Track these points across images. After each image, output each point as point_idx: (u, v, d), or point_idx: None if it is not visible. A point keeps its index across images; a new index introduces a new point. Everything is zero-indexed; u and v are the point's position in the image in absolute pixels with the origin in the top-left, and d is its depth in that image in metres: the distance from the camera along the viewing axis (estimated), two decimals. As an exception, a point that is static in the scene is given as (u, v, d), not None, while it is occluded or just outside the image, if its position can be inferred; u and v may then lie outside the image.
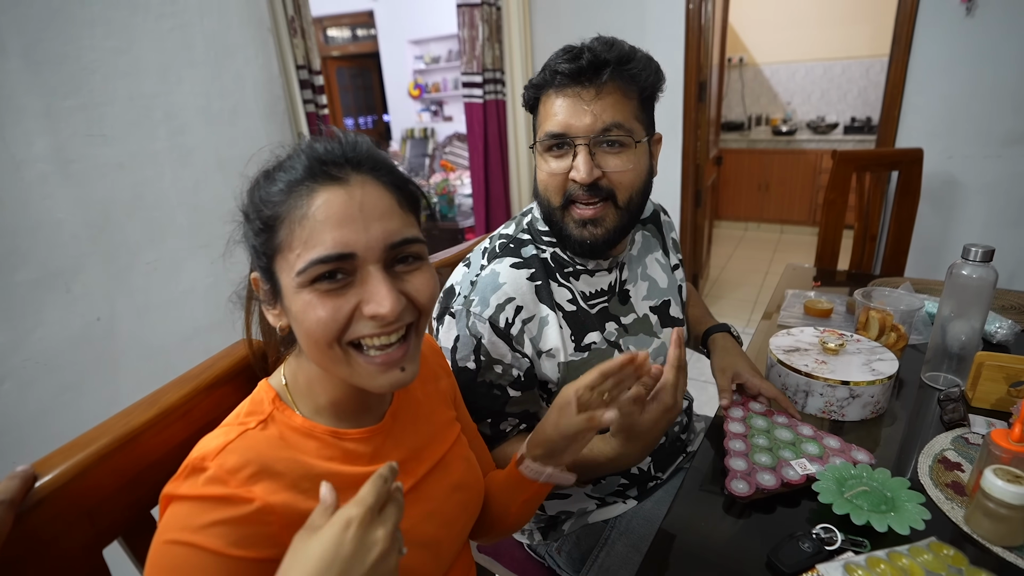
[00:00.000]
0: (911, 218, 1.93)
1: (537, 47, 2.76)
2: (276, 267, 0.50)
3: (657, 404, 0.66)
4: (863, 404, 0.89)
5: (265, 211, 0.49)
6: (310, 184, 0.48)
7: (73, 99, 1.18)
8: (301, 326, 0.49)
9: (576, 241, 0.80)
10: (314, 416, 0.55)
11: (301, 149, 0.51)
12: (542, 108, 0.78)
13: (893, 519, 0.64)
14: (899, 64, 2.17)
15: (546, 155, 0.78)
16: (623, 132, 0.75)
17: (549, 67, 0.76)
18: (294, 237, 0.48)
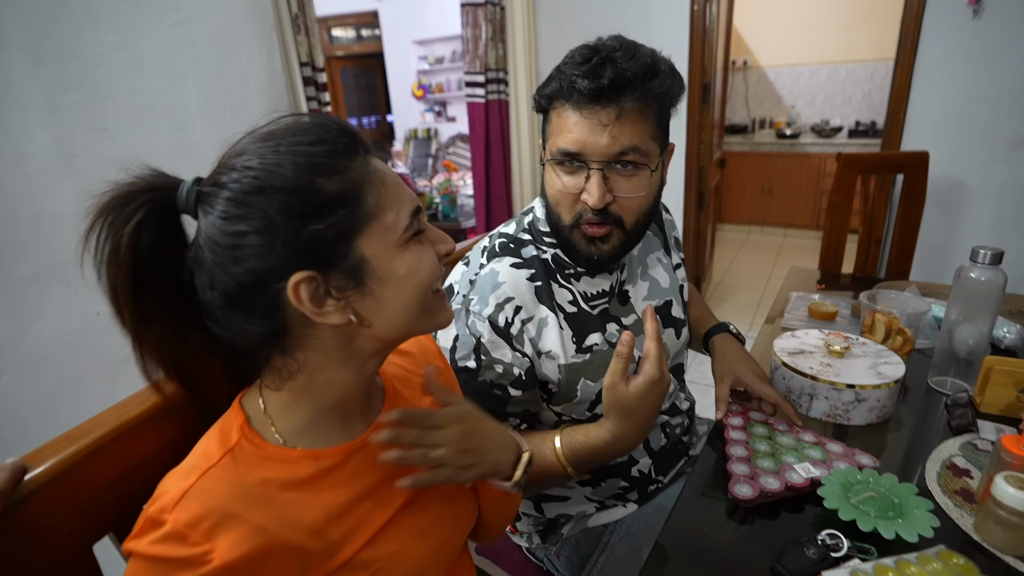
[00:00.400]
0: (916, 222, 1.91)
1: (541, 47, 2.76)
2: (361, 242, 0.46)
3: (643, 377, 0.67)
4: (869, 408, 0.87)
5: (342, 185, 0.45)
6: (364, 156, 0.48)
7: (75, 93, 1.18)
8: (413, 280, 0.49)
9: (583, 255, 0.79)
10: (293, 437, 0.51)
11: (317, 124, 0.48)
12: (555, 118, 0.75)
13: (901, 526, 0.63)
14: (905, 66, 2.16)
15: (557, 168, 0.76)
16: (639, 156, 0.73)
17: (566, 78, 0.71)
18: (384, 198, 0.47)
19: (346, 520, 0.51)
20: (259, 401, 0.52)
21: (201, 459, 0.47)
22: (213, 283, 0.45)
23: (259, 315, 0.46)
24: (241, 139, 0.48)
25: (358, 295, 0.47)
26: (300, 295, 0.45)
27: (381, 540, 0.53)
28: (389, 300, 0.49)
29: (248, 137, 0.47)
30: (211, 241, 0.45)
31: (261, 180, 0.44)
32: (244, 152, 0.46)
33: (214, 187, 0.45)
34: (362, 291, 0.47)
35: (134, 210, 0.44)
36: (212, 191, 0.45)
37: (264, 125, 0.48)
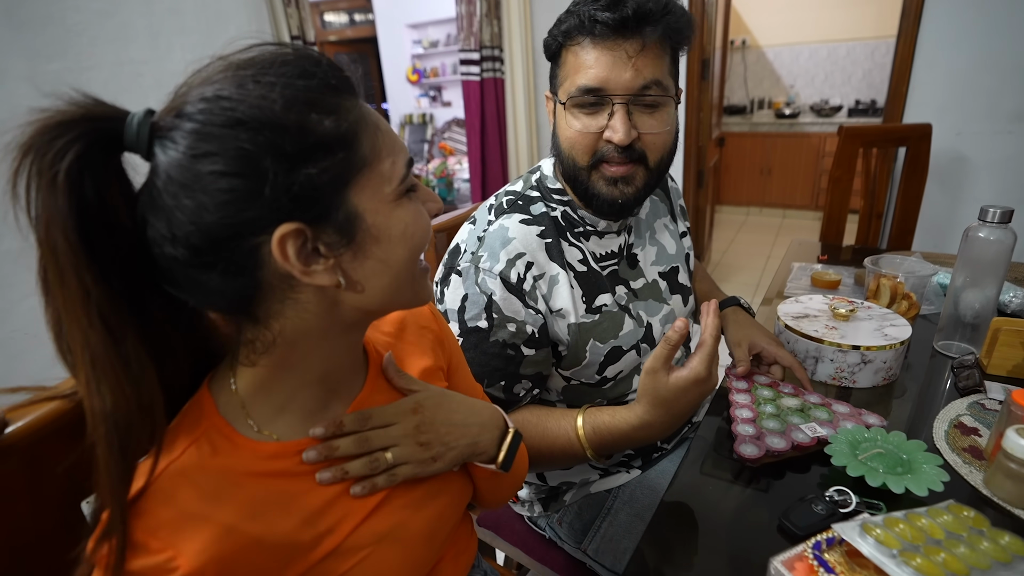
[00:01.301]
0: (918, 195, 1.89)
1: (537, 23, 2.71)
2: (354, 193, 0.41)
3: (688, 372, 0.64)
4: (875, 370, 0.86)
5: (337, 125, 0.39)
6: (350, 95, 0.42)
7: (58, 62, 1.14)
8: (409, 241, 0.44)
9: (606, 200, 0.76)
10: (269, 422, 0.46)
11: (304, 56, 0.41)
12: (571, 57, 0.72)
13: (911, 481, 0.61)
14: (907, 39, 2.12)
15: (575, 110, 0.73)
16: (661, 90, 0.71)
17: (584, 14, 0.69)
18: (381, 144, 0.42)
19: (334, 509, 0.47)
20: (230, 381, 0.46)
21: (162, 455, 0.42)
22: (175, 236, 0.37)
23: (232, 274, 0.39)
24: (207, 65, 0.40)
25: (349, 254, 0.42)
26: (286, 251, 0.38)
27: (374, 520, 0.49)
28: (381, 261, 0.43)
29: (217, 63, 0.40)
30: (174, 183, 0.37)
31: (240, 112, 0.36)
32: (215, 81, 0.38)
33: (176, 119, 0.37)
34: (354, 250, 0.42)
35: (68, 143, 0.35)
36: (173, 123, 0.37)
37: (238, 52, 0.40)
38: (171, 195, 0.37)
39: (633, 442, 0.70)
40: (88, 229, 0.36)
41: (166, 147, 0.37)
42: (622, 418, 0.69)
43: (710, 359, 0.63)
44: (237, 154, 0.36)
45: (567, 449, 0.72)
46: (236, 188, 0.37)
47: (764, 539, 0.61)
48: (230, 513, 0.42)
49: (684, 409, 0.66)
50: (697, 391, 0.64)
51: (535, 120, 2.81)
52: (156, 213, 0.38)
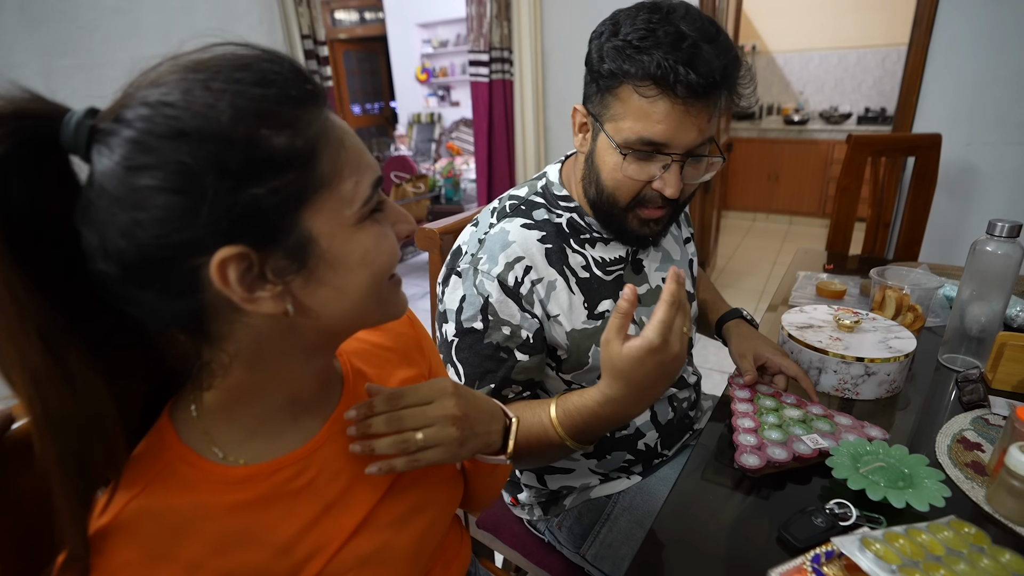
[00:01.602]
0: (926, 205, 1.88)
1: (547, 26, 2.71)
2: (309, 216, 0.37)
3: (640, 341, 0.57)
4: (879, 382, 0.86)
5: (292, 140, 0.36)
6: (320, 107, 0.39)
7: (71, 58, 1.15)
8: (369, 268, 0.41)
9: (635, 236, 0.79)
10: (239, 443, 0.44)
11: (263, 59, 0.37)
12: (635, 99, 0.68)
13: (912, 495, 0.61)
14: (919, 48, 2.11)
15: (631, 156, 0.71)
16: (713, 145, 0.73)
17: (666, 66, 0.64)
18: (343, 163, 0.38)
19: (313, 533, 0.45)
20: (191, 408, 0.43)
21: (122, 490, 0.40)
22: (107, 251, 0.34)
23: (170, 295, 0.36)
24: (157, 65, 0.36)
25: (300, 280, 0.38)
26: (227, 276, 0.35)
27: (357, 542, 0.47)
28: (337, 289, 0.40)
29: (168, 64, 0.36)
30: (107, 196, 0.34)
31: (183, 122, 0.33)
32: (162, 83, 0.34)
33: (115, 123, 0.34)
34: (305, 276, 0.38)
35: None
36: (111, 128, 0.34)
37: (191, 52, 0.37)
38: (103, 208, 0.34)
39: (603, 421, 0.65)
40: (16, 237, 0.33)
41: (102, 154, 0.34)
42: (589, 396, 0.65)
43: (662, 326, 0.57)
44: (176, 168, 0.33)
45: (543, 437, 0.69)
46: (173, 206, 0.33)
47: (763, 550, 0.61)
48: (196, 550, 0.39)
49: (645, 382, 0.60)
50: (653, 360, 0.58)
51: (543, 123, 2.81)
52: (88, 225, 0.35)
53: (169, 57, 0.37)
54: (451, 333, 0.77)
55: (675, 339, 0.59)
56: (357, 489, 0.48)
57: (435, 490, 0.55)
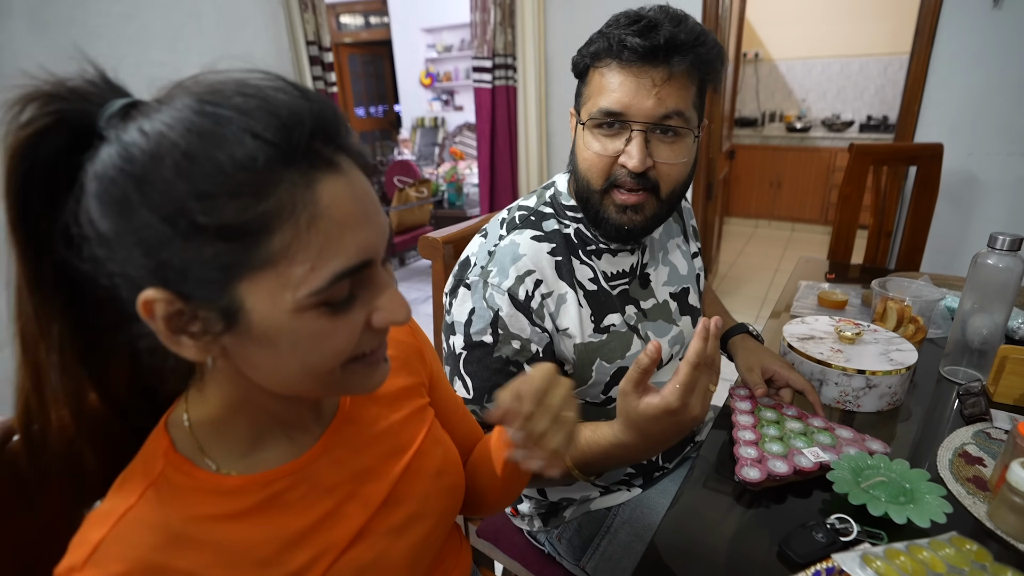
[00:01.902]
0: (928, 215, 1.88)
1: (550, 33, 2.72)
2: (244, 288, 0.35)
3: (658, 400, 0.57)
4: (880, 395, 0.86)
5: (239, 211, 0.33)
6: (306, 171, 0.34)
7: (78, 64, 1.16)
8: (295, 358, 0.38)
9: (614, 226, 0.76)
10: (230, 458, 0.43)
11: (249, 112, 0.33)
12: (596, 78, 0.72)
13: (913, 511, 0.61)
14: (921, 58, 2.12)
15: (595, 131, 0.73)
16: (682, 121, 0.71)
17: (614, 37, 0.69)
18: (301, 246, 0.34)
19: (309, 543, 0.44)
20: (184, 418, 0.43)
21: (118, 499, 0.39)
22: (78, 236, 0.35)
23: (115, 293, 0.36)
24: (194, 76, 0.36)
25: (230, 338, 0.37)
26: (153, 312, 0.35)
27: (355, 551, 0.47)
28: (260, 362, 0.38)
29: (192, 81, 0.36)
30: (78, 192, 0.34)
31: (143, 160, 0.32)
32: (169, 101, 0.34)
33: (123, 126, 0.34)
34: (236, 335, 0.37)
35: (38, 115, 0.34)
36: (114, 132, 0.34)
37: (219, 72, 0.36)
38: (74, 199, 0.34)
39: (613, 459, 0.66)
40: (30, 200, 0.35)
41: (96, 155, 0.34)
42: (601, 434, 0.66)
43: (684, 390, 0.56)
44: (114, 200, 0.33)
45: None
46: (107, 234, 0.33)
47: (764, 565, 0.61)
48: (192, 560, 0.39)
49: (659, 437, 0.60)
50: (670, 421, 0.58)
51: (545, 129, 2.82)
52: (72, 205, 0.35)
53: (207, 69, 0.37)
54: (459, 346, 0.77)
55: (695, 401, 0.58)
56: (351, 503, 0.48)
57: (433, 499, 0.55)
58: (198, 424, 0.43)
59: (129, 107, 0.35)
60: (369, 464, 0.51)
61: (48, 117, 0.34)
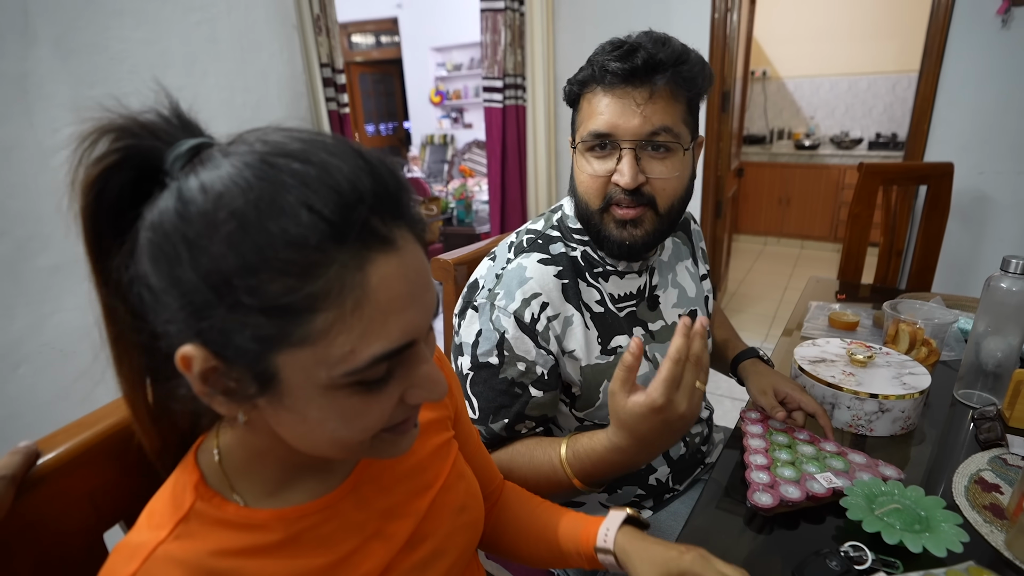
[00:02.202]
0: (939, 234, 1.87)
1: (559, 53, 2.76)
2: (281, 359, 0.34)
3: (643, 398, 0.58)
4: (893, 419, 0.85)
5: (286, 290, 0.32)
6: (358, 250, 0.33)
7: (100, 88, 1.20)
8: (323, 431, 0.38)
9: (615, 242, 0.77)
10: (259, 497, 0.43)
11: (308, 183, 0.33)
12: (586, 105, 0.75)
13: (929, 539, 0.60)
14: (930, 77, 2.12)
15: (588, 155, 0.76)
16: (671, 137, 0.73)
17: (597, 63, 0.72)
18: (344, 328, 0.34)
19: None
20: (214, 453, 0.43)
21: (148, 532, 0.40)
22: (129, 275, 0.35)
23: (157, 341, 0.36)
24: (263, 131, 0.36)
25: (263, 400, 0.37)
26: (190, 366, 0.35)
27: None
28: (290, 427, 0.38)
29: (272, 132, 0.36)
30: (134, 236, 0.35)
31: (196, 222, 0.32)
32: (232, 156, 0.34)
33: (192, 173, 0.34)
34: (269, 399, 0.37)
35: (112, 150, 0.35)
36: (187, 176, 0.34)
37: (283, 132, 0.36)
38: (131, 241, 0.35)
39: (610, 466, 0.67)
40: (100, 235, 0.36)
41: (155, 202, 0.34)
42: (598, 440, 0.67)
43: (666, 385, 0.57)
44: (165, 258, 0.33)
45: (551, 476, 0.71)
46: (160, 286, 0.34)
47: (777, 593, 0.60)
48: None
49: (649, 436, 0.61)
50: (657, 418, 0.59)
51: (555, 147, 2.85)
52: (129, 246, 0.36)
53: (274, 127, 0.37)
54: (467, 366, 0.78)
55: (681, 398, 0.59)
56: (376, 541, 0.48)
57: (455, 535, 0.55)
58: (228, 459, 0.43)
59: (196, 149, 0.35)
60: (395, 502, 0.51)
61: (117, 153, 0.35)
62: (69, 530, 0.47)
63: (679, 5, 2.53)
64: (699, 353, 0.59)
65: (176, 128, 0.37)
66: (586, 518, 0.64)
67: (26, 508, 0.44)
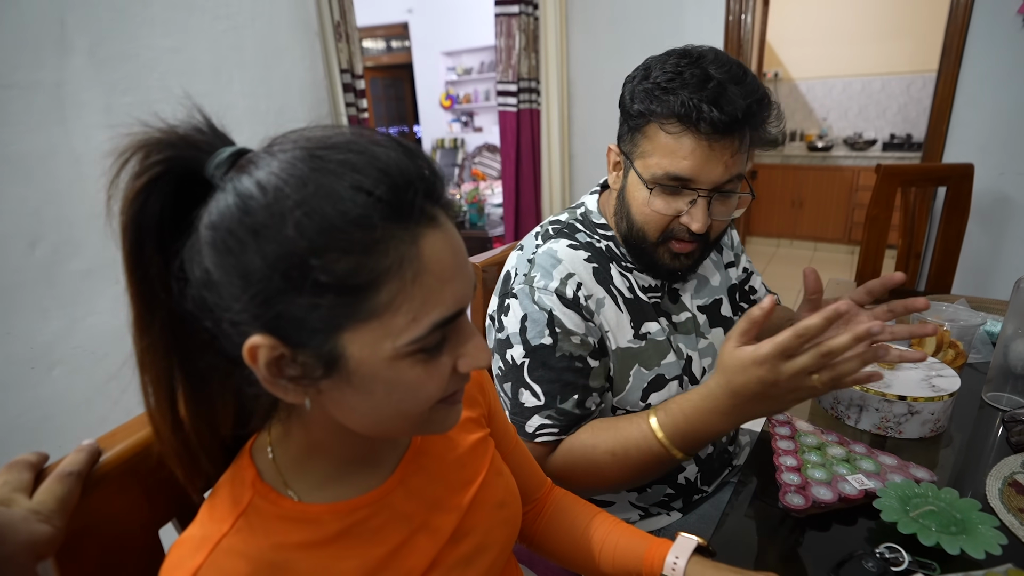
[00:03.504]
0: (959, 236, 1.86)
1: (573, 57, 2.77)
2: (348, 337, 0.36)
3: (751, 349, 0.59)
4: (922, 421, 0.85)
5: (353, 268, 0.34)
6: (412, 228, 0.36)
7: (131, 95, 1.22)
8: (391, 402, 0.40)
9: (665, 269, 0.80)
10: (311, 490, 0.45)
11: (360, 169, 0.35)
12: (662, 136, 0.71)
13: (966, 542, 0.61)
14: (948, 77, 2.11)
15: (657, 190, 0.74)
16: (742, 182, 0.74)
17: (690, 104, 0.67)
18: (406, 298, 0.36)
19: (386, 572, 0.46)
20: (268, 450, 0.45)
21: (211, 526, 0.41)
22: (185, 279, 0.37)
23: (220, 342, 0.38)
24: (305, 130, 0.38)
25: (328, 383, 0.38)
26: (257, 358, 0.36)
27: None
28: (356, 406, 0.40)
29: (311, 130, 0.38)
30: (197, 246, 0.36)
31: (261, 215, 0.34)
32: (281, 154, 0.36)
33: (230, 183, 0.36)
34: (334, 380, 0.38)
35: (156, 162, 0.36)
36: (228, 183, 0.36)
37: (321, 129, 0.38)
38: (197, 254, 0.36)
39: (704, 418, 0.66)
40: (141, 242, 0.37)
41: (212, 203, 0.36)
42: (693, 391, 0.68)
43: (778, 349, 0.58)
44: (232, 251, 0.34)
45: (641, 444, 0.70)
46: (228, 282, 0.35)
47: (813, 594, 0.61)
48: None
49: (743, 390, 0.61)
50: (756, 373, 0.59)
51: (568, 151, 2.87)
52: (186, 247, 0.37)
53: (312, 126, 0.38)
54: (520, 355, 0.77)
55: (787, 368, 0.59)
56: (423, 534, 0.49)
57: (496, 531, 0.56)
58: (281, 456, 0.45)
59: (236, 156, 0.37)
60: (440, 495, 0.52)
61: (160, 166, 0.36)
62: (129, 526, 0.49)
63: (693, 8, 2.53)
64: (831, 342, 0.58)
65: (211, 138, 0.39)
66: (649, 539, 0.63)
67: (90, 504, 0.45)
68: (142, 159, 0.36)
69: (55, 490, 0.42)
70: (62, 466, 0.44)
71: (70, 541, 0.43)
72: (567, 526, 0.68)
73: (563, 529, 0.68)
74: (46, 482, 0.42)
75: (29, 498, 0.41)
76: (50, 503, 0.41)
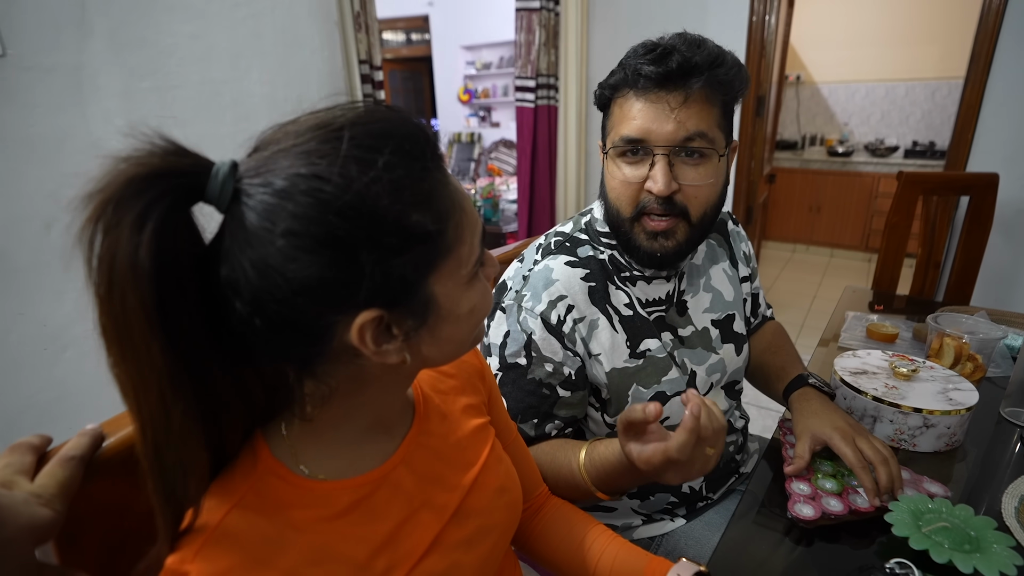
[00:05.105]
0: (981, 247, 1.82)
1: (593, 54, 2.75)
2: (433, 279, 0.41)
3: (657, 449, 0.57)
4: (938, 435, 0.83)
5: (433, 215, 0.39)
6: (439, 172, 0.41)
7: (149, 81, 1.23)
8: (475, 318, 0.46)
9: (645, 253, 0.76)
10: (322, 468, 0.46)
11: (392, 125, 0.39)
12: (617, 109, 0.74)
13: (979, 560, 0.59)
14: (976, 84, 2.07)
15: (619, 160, 0.74)
16: (706, 142, 0.71)
17: (630, 66, 0.71)
18: (461, 229, 0.42)
19: (388, 551, 0.47)
20: (281, 426, 0.46)
21: (223, 495, 0.42)
22: (255, 309, 0.36)
23: (304, 344, 0.39)
24: (298, 122, 0.38)
25: (422, 333, 0.42)
26: (364, 336, 0.38)
27: (428, 562, 0.49)
28: (447, 336, 0.44)
29: (307, 119, 0.38)
30: (255, 254, 0.35)
31: (341, 200, 0.35)
32: (306, 147, 0.36)
33: (262, 187, 0.35)
34: (426, 329, 0.42)
35: (153, 202, 0.33)
36: (258, 191, 0.35)
37: (322, 112, 0.39)
38: (251, 265, 0.35)
39: (624, 476, 0.65)
40: (165, 291, 0.33)
41: (249, 212, 0.35)
42: (612, 449, 0.65)
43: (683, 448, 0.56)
44: (328, 241, 0.35)
45: (570, 480, 0.70)
46: (322, 273, 0.35)
47: (819, 607, 0.59)
48: (292, 558, 0.42)
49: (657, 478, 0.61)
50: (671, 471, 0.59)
51: (585, 148, 2.84)
52: (235, 286, 0.35)
53: (308, 112, 0.39)
54: (495, 367, 0.78)
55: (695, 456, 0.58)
56: (425, 512, 0.50)
57: (497, 514, 0.57)
58: (296, 433, 0.46)
59: (233, 167, 0.36)
60: (441, 473, 0.53)
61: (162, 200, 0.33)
62: (132, 510, 0.49)
63: (716, 7, 2.50)
64: (712, 424, 0.58)
65: (193, 158, 0.36)
66: (648, 558, 0.63)
67: (93, 489, 0.45)
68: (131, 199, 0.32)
69: (57, 474, 0.42)
70: (65, 450, 0.44)
71: (70, 526, 0.43)
72: (563, 534, 0.68)
73: (559, 536, 0.68)
74: (48, 465, 0.42)
75: (31, 481, 0.41)
76: (51, 487, 0.41)
